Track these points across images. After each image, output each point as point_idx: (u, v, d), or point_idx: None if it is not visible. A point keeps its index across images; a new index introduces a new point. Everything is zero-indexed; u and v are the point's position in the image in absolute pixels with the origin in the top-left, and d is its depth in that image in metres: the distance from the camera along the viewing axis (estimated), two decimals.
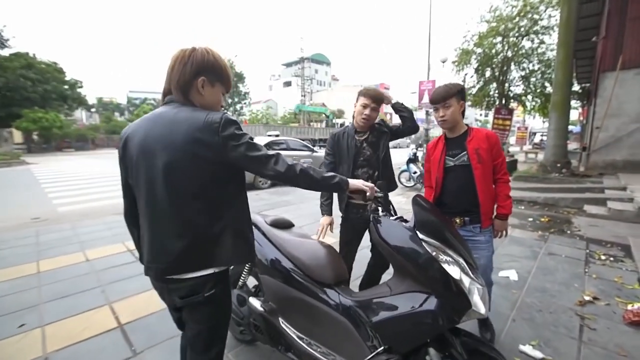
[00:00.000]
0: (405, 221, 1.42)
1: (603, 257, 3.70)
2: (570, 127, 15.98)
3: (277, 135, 10.38)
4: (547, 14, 15.41)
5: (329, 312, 1.50)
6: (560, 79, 8.52)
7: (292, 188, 8.75)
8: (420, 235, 1.27)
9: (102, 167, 14.93)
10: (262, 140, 9.48)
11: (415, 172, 8.43)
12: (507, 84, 17.63)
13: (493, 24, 16.40)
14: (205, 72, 1.17)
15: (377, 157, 2.18)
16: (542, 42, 16.19)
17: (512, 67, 17.44)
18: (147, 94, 57.13)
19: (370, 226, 1.47)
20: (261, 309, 1.80)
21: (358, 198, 1.48)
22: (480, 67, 17.73)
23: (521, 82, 18.06)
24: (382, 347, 1.29)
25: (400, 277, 1.36)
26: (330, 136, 2.28)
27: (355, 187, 1.40)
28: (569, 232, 4.70)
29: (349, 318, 1.43)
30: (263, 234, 1.85)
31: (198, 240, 1.15)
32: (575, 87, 17.38)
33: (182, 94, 1.18)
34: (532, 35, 16.12)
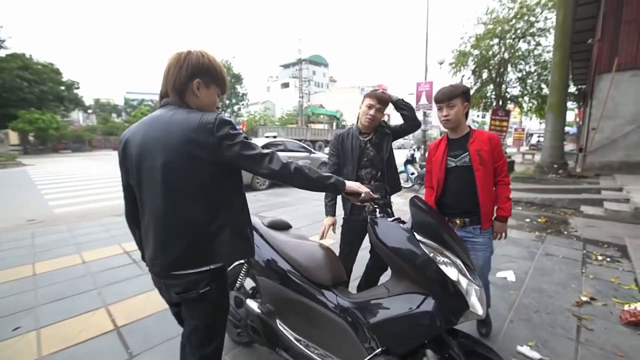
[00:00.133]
0: (403, 222, 1.42)
1: (600, 258, 3.71)
2: (567, 129, 16.07)
3: (274, 137, 10.38)
4: (543, 16, 15.54)
5: (327, 314, 1.49)
6: (556, 80, 8.58)
7: (290, 189, 8.78)
8: (418, 237, 1.27)
9: (99, 169, 14.88)
10: (261, 141, 9.48)
11: (412, 173, 8.44)
12: (504, 86, 17.75)
13: (490, 26, 16.51)
14: (201, 75, 1.20)
15: (381, 158, 2.19)
16: (538, 44, 16.32)
17: (509, 68, 17.57)
18: (144, 95, 56.98)
19: (367, 227, 1.47)
20: (258, 310, 1.79)
21: (354, 200, 1.48)
22: (477, 69, 17.83)
23: (518, 84, 18.19)
24: (380, 349, 1.29)
25: (398, 279, 1.36)
26: (335, 137, 2.30)
27: (352, 190, 1.40)
28: (566, 232, 4.73)
29: (346, 320, 1.43)
30: (260, 235, 1.85)
31: (198, 238, 1.18)
32: (572, 88, 17.49)
33: (178, 96, 1.21)
34: (529, 37, 16.24)
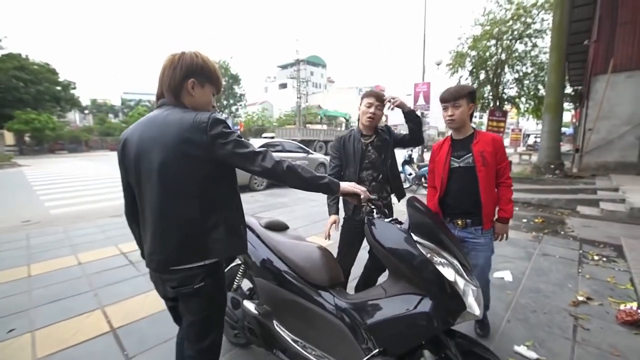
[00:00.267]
0: (400, 223, 1.41)
1: (596, 258, 3.73)
2: (563, 129, 16.19)
3: (272, 137, 10.38)
4: (540, 17, 15.60)
5: (324, 315, 1.49)
6: (553, 81, 8.62)
7: (287, 190, 8.76)
8: (415, 237, 1.27)
9: (95, 169, 14.81)
10: (258, 142, 9.47)
11: (410, 174, 8.45)
12: (501, 87, 17.80)
13: (487, 27, 16.56)
14: (195, 74, 1.23)
15: (383, 161, 2.19)
16: (535, 45, 16.38)
17: (506, 69, 17.62)
18: (141, 96, 56.73)
19: (364, 228, 1.47)
20: (255, 312, 1.78)
21: (352, 201, 1.47)
22: (474, 70, 17.88)
23: (515, 85, 18.25)
24: (377, 350, 1.29)
25: (395, 279, 1.35)
26: (336, 139, 2.29)
27: (347, 190, 1.39)
28: (562, 232, 4.74)
29: (343, 320, 1.42)
30: (257, 236, 1.84)
31: (192, 234, 1.20)
32: (568, 89, 17.62)
33: (173, 96, 1.24)
34: (526, 39, 16.30)
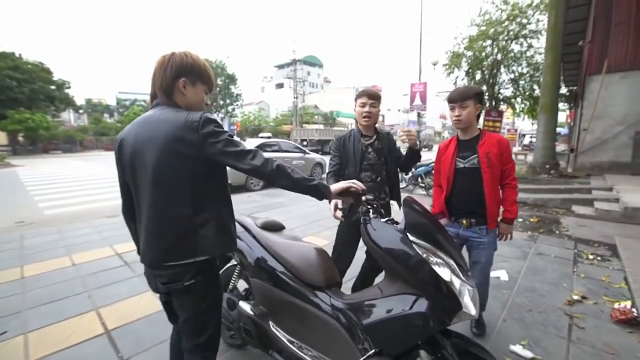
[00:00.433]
0: (396, 223, 1.41)
1: (591, 257, 3.76)
2: (559, 129, 16.28)
3: (269, 137, 10.35)
4: (536, 18, 15.70)
5: (320, 315, 1.48)
6: (548, 81, 8.68)
7: (283, 190, 8.69)
8: (411, 238, 1.27)
9: (90, 169, 14.69)
10: (254, 142, 9.45)
11: (407, 174, 8.46)
12: (497, 87, 17.88)
13: (483, 28, 16.64)
14: (185, 74, 1.25)
15: (382, 164, 2.18)
16: (530, 45, 16.48)
17: (502, 70, 17.72)
18: (137, 95, 56.31)
19: (361, 228, 1.46)
20: (251, 312, 1.77)
21: (348, 200, 1.47)
22: (470, 70, 17.95)
23: (510, 85, 18.35)
24: (373, 350, 1.28)
25: (391, 279, 1.35)
26: (336, 139, 2.28)
27: (340, 190, 1.38)
28: (557, 232, 4.78)
29: (339, 321, 1.42)
30: (253, 236, 1.83)
31: (183, 231, 1.22)
32: (563, 90, 17.72)
33: (165, 96, 1.27)
34: (521, 39, 16.39)
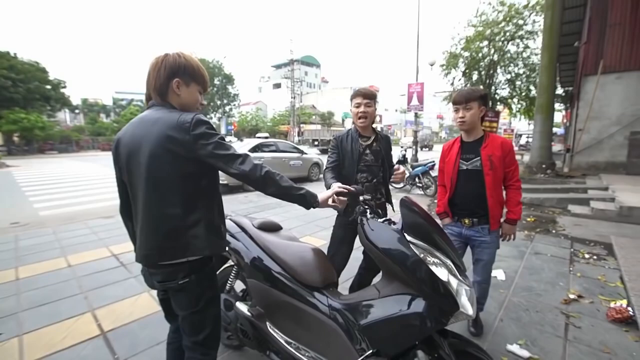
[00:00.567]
0: (394, 223, 1.41)
1: (587, 256, 3.78)
2: (555, 129, 16.40)
3: (266, 137, 10.32)
4: (532, 19, 15.79)
5: (317, 316, 1.48)
6: (544, 82, 8.72)
7: None
8: (408, 238, 1.27)
9: (86, 170, 14.59)
10: (252, 142, 9.41)
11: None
12: (493, 87, 17.98)
13: (479, 29, 16.72)
14: (179, 74, 1.26)
15: (379, 166, 2.16)
16: (527, 46, 16.57)
17: (498, 70, 17.81)
18: (133, 95, 55.98)
19: (358, 228, 1.46)
20: (248, 313, 1.76)
21: (340, 203, 1.48)
22: (467, 71, 18.02)
23: (507, 85, 18.45)
24: (371, 350, 1.28)
25: (389, 280, 1.35)
26: (333, 138, 2.26)
27: (327, 198, 1.43)
28: (554, 231, 4.80)
29: (337, 321, 1.41)
30: (250, 237, 1.82)
31: (173, 230, 1.23)
32: (559, 90, 17.85)
33: (160, 97, 1.28)
34: (517, 40, 16.48)
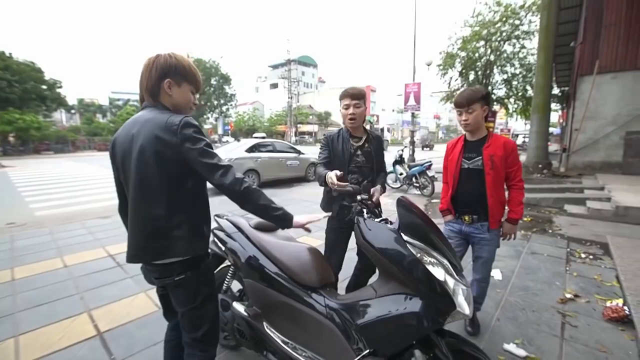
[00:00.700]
0: (390, 223, 1.41)
1: (583, 256, 3.80)
2: (551, 129, 16.46)
3: (263, 138, 10.28)
4: (528, 19, 15.89)
5: (314, 316, 1.48)
6: (540, 82, 8.76)
7: (278, 190, 8.71)
8: (405, 237, 1.27)
9: (83, 170, 14.52)
10: (249, 142, 9.35)
11: (401, 174, 8.49)
12: (490, 87, 18.06)
13: (476, 29, 16.78)
14: (170, 74, 1.27)
15: (371, 167, 2.15)
16: (523, 46, 16.67)
17: (495, 70, 17.91)
18: (130, 95, 55.77)
19: (354, 228, 1.46)
20: (245, 313, 1.76)
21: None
22: (464, 71, 18.10)
23: (503, 85, 18.55)
24: (368, 350, 1.28)
25: (385, 279, 1.35)
26: (324, 137, 2.26)
27: (302, 224, 1.40)
28: (550, 231, 4.82)
29: (334, 321, 1.41)
30: (247, 237, 1.81)
31: (157, 230, 1.23)
32: (555, 90, 17.94)
33: (151, 98, 1.29)
34: (514, 40, 16.58)
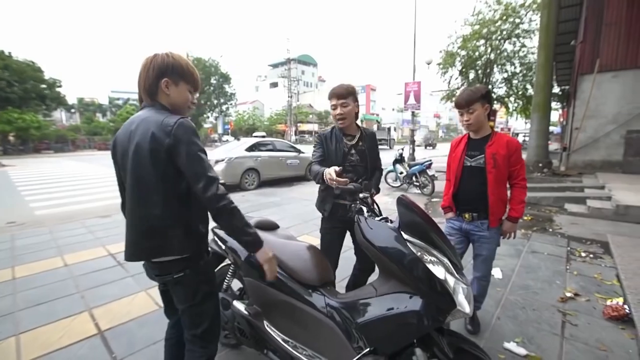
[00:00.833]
0: (391, 222, 1.41)
1: (583, 254, 3.79)
2: (551, 128, 16.46)
3: (263, 137, 10.27)
4: (528, 18, 15.88)
5: (314, 314, 1.48)
6: (541, 81, 8.75)
7: (278, 189, 8.71)
8: (405, 236, 1.27)
9: (83, 169, 14.53)
10: (249, 141, 9.36)
11: (401, 173, 8.49)
12: (490, 86, 18.05)
13: (476, 27, 16.76)
14: (167, 74, 1.27)
15: (365, 167, 2.13)
16: (523, 45, 16.66)
17: (495, 69, 17.90)
18: (130, 94, 55.65)
19: (355, 227, 1.46)
20: (245, 312, 1.76)
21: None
22: (464, 69, 18.09)
23: (504, 84, 18.55)
24: (368, 349, 1.28)
25: (386, 278, 1.35)
26: (317, 135, 2.25)
27: (262, 258, 1.32)
28: (550, 230, 4.82)
29: (334, 320, 1.41)
30: None
31: (152, 230, 1.24)
32: (556, 89, 17.94)
33: (149, 97, 1.29)
34: (514, 39, 16.57)
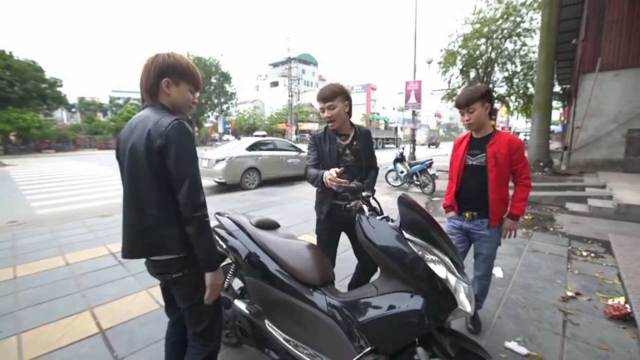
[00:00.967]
0: (392, 221, 1.41)
1: (584, 254, 3.79)
2: (552, 127, 16.44)
3: (263, 136, 10.28)
4: (529, 16, 15.84)
5: (315, 313, 1.48)
6: (542, 79, 8.73)
7: (279, 188, 8.71)
8: (406, 235, 1.26)
9: (83, 169, 14.55)
10: (250, 140, 9.37)
11: (402, 172, 8.48)
12: (491, 85, 18.02)
13: (477, 26, 16.73)
14: (168, 74, 1.27)
15: (360, 167, 2.11)
16: (524, 44, 16.61)
17: (496, 68, 17.86)
18: (130, 94, 55.64)
19: (355, 226, 1.46)
20: (246, 311, 1.76)
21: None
22: (465, 68, 18.06)
23: (504, 83, 18.51)
24: (369, 348, 1.28)
25: (387, 277, 1.35)
26: (311, 137, 2.22)
27: (214, 277, 1.29)
28: (551, 229, 4.81)
29: (335, 319, 1.41)
30: (248, 234, 1.82)
31: (147, 229, 1.24)
32: (557, 88, 17.91)
33: (150, 97, 1.30)
34: (515, 38, 16.52)
